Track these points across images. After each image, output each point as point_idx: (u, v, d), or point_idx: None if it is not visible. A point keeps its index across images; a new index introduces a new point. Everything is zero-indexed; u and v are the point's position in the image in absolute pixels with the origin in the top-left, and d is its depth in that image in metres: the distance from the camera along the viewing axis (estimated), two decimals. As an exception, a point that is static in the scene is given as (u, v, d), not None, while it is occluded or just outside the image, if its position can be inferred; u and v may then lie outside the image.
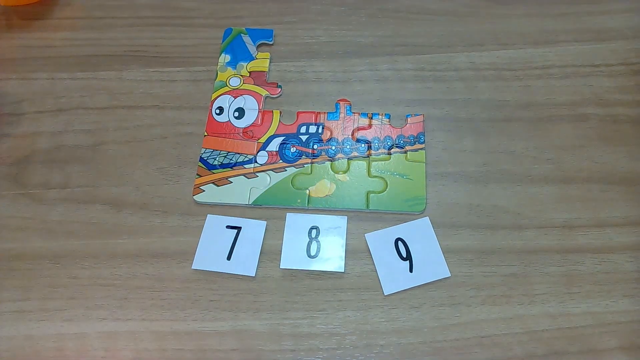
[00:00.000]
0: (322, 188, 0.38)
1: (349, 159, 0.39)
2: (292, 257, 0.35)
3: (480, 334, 0.32)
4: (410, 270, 0.34)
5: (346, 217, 0.37)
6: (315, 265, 0.35)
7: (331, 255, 0.35)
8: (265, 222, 0.37)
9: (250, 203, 0.37)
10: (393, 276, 0.34)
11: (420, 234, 0.36)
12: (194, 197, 0.38)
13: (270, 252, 0.36)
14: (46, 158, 0.41)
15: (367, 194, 0.38)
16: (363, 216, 0.37)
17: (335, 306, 0.34)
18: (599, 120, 0.40)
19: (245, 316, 0.33)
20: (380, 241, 0.36)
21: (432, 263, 0.35)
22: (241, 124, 0.41)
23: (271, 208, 0.37)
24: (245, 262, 0.35)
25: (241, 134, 0.41)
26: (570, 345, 0.32)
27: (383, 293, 0.34)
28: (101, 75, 0.44)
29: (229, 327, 0.33)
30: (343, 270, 0.35)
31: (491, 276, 0.34)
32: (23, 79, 0.45)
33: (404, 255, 0.35)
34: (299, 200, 0.37)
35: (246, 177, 0.39)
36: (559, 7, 0.47)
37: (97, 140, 0.41)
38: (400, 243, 0.35)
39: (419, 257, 0.35)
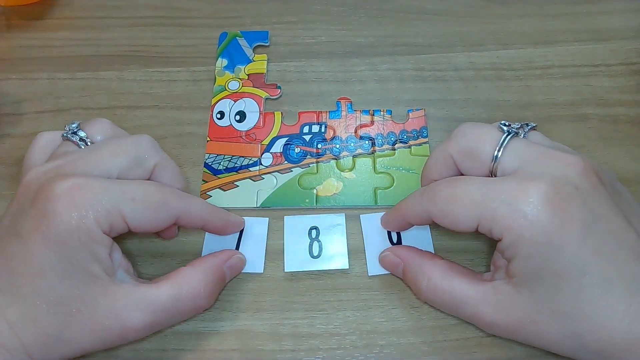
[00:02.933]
0: (329, 187, 0.38)
1: (354, 156, 0.39)
2: (296, 259, 0.35)
3: (480, 334, 0.32)
4: None
5: (344, 214, 0.37)
6: (320, 265, 0.35)
7: (334, 253, 0.35)
8: (268, 218, 0.37)
9: (258, 205, 0.37)
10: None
11: None
12: None
13: (270, 252, 0.36)
14: (46, 158, 0.41)
15: (375, 190, 0.38)
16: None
17: (336, 306, 0.34)
18: (599, 120, 0.40)
19: (245, 316, 0.33)
20: (373, 224, 0.36)
21: None
22: (243, 127, 0.41)
23: (277, 209, 0.37)
24: (252, 260, 0.35)
25: (244, 137, 0.41)
26: (570, 345, 0.32)
27: (367, 274, 0.34)
28: (101, 75, 0.44)
29: (229, 327, 0.33)
30: (348, 267, 0.35)
31: (491, 276, 0.34)
32: (23, 79, 0.45)
33: (395, 241, 0.35)
34: (307, 200, 0.37)
35: (252, 180, 0.39)
36: (558, 7, 0.47)
37: (97, 140, 0.41)
38: None
39: (408, 244, 0.35)
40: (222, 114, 0.42)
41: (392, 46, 0.45)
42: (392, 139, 0.40)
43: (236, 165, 0.39)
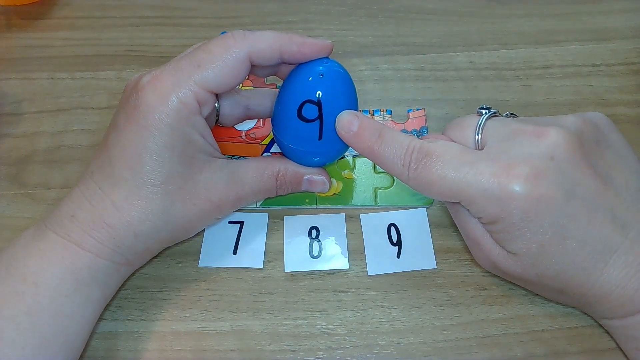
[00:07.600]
0: None
1: (354, 156, 0.39)
2: (296, 259, 0.35)
3: (480, 334, 0.32)
4: (398, 256, 0.35)
5: (344, 214, 0.37)
6: (320, 265, 0.35)
7: (334, 253, 0.35)
8: (267, 214, 0.37)
9: (258, 206, 0.37)
10: (380, 259, 0.35)
11: (415, 223, 0.36)
12: None
13: (270, 252, 0.36)
14: (46, 158, 0.41)
15: (375, 190, 0.38)
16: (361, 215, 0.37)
17: (335, 306, 0.34)
18: (599, 120, 0.40)
19: (245, 316, 0.33)
20: (373, 223, 0.36)
21: (421, 253, 0.35)
22: (243, 126, 0.41)
23: (277, 209, 0.37)
24: (252, 255, 0.35)
25: (244, 137, 0.41)
26: (570, 345, 0.32)
27: (367, 274, 0.34)
28: (101, 75, 0.44)
29: (229, 327, 0.33)
30: (348, 267, 0.35)
31: (491, 276, 0.34)
32: (23, 79, 0.45)
33: (395, 240, 0.35)
34: (307, 200, 0.37)
35: None
36: (559, 7, 0.47)
37: (97, 140, 0.41)
38: (392, 229, 0.36)
39: (408, 245, 0.35)
40: (222, 114, 0.42)
41: (392, 46, 0.45)
42: (392, 138, 0.40)
43: None
